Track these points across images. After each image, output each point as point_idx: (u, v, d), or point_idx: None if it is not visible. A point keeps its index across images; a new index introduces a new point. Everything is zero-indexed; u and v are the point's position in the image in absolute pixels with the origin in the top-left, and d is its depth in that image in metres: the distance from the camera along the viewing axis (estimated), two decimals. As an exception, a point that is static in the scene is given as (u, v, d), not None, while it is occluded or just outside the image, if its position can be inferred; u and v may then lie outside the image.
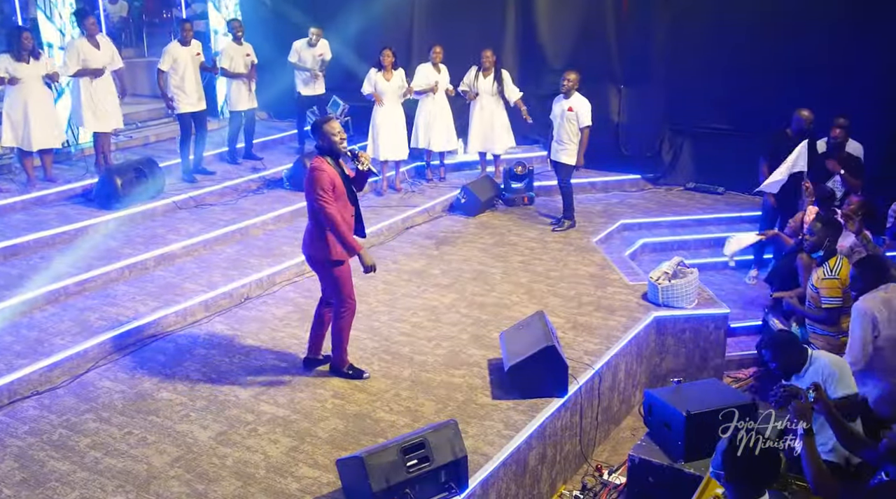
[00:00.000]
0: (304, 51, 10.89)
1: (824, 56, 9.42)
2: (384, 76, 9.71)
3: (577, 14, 11.01)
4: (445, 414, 5.41)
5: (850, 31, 9.28)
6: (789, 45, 9.57)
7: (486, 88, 9.88)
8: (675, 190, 10.63)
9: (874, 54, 9.20)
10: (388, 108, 9.80)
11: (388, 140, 9.82)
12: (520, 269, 8.01)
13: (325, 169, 5.46)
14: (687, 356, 7.10)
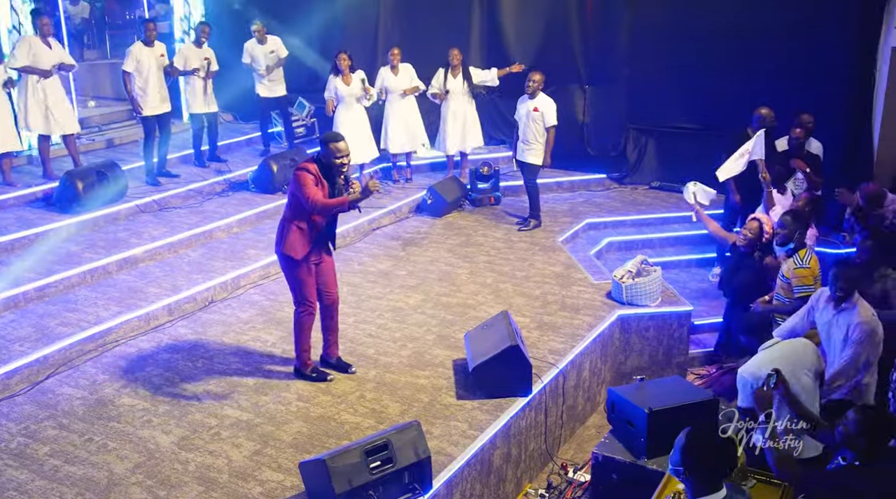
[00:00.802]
0: (256, 49, 10.75)
1: (784, 56, 9.56)
2: (343, 80, 9.68)
3: (542, 15, 11.05)
4: (410, 415, 5.42)
5: (809, 31, 9.39)
6: (751, 44, 9.67)
7: (457, 88, 9.89)
8: (640, 189, 10.72)
9: (833, 54, 9.34)
10: (349, 111, 9.76)
11: (351, 143, 9.74)
12: (486, 269, 8.03)
13: (312, 170, 5.51)
14: (651, 354, 7.17)
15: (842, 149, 9.32)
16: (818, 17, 9.39)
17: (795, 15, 9.50)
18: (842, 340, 5.33)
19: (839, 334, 5.35)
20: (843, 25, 9.34)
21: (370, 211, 9.38)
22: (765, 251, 6.59)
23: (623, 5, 10.51)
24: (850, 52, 9.36)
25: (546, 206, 9.71)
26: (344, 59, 9.63)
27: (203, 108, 10.43)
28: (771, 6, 9.61)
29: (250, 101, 11.45)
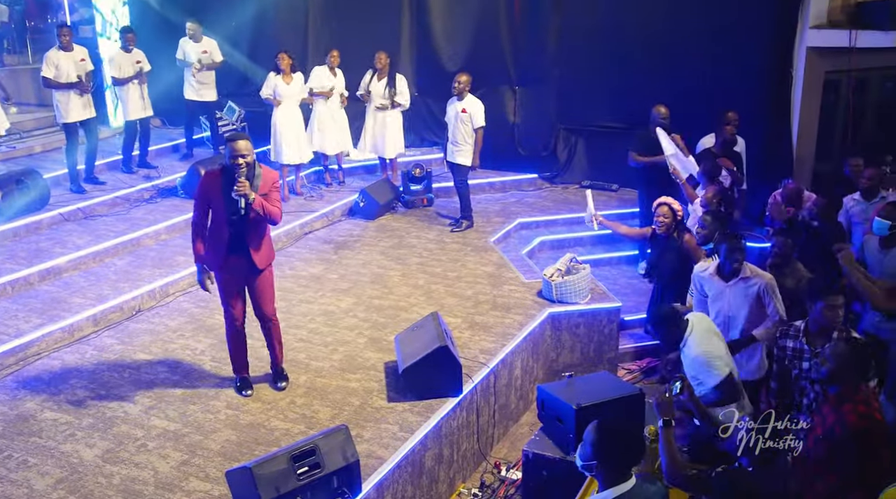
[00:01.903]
0: (189, 47, 10.58)
1: (707, 57, 9.78)
2: (284, 80, 9.60)
3: (472, 17, 11.10)
4: (341, 419, 5.40)
5: (729, 33, 9.62)
6: (675, 46, 9.89)
7: (378, 91, 9.86)
8: (571, 188, 10.86)
9: (752, 55, 9.60)
10: (288, 111, 9.68)
11: (289, 144, 9.70)
12: (418, 270, 8.05)
13: (205, 179, 5.47)
14: (582, 350, 7.27)
15: (763, 147, 9.59)
16: (738, 20, 9.64)
17: (717, 17, 9.73)
18: (746, 305, 5.67)
19: (738, 300, 5.70)
20: (762, 27, 9.61)
21: (302, 215, 9.34)
22: (681, 231, 6.70)
23: (551, 7, 10.63)
24: (769, 52, 9.64)
25: (478, 206, 9.78)
26: (284, 59, 9.54)
27: (140, 114, 10.25)
28: (693, 9, 9.83)
29: (179, 106, 11.24)
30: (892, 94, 10.55)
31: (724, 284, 5.77)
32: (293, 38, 11.56)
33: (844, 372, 4.19)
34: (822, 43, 9.55)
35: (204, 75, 10.63)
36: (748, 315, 5.71)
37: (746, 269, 5.74)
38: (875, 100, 10.35)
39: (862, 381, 4.26)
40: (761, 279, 5.71)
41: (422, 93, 11.33)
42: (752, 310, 5.72)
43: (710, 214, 6.74)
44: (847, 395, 4.17)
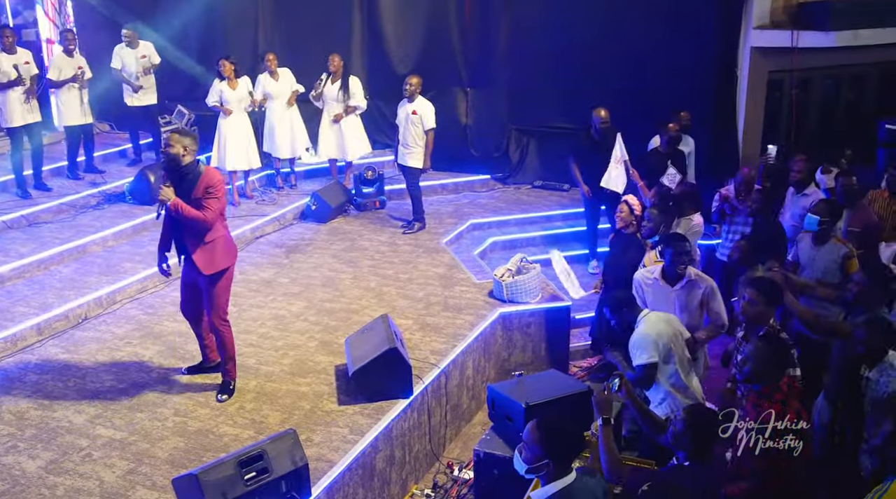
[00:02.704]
0: (126, 54, 10.39)
1: (656, 57, 9.92)
2: (229, 86, 9.51)
3: (422, 19, 11.13)
4: (291, 423, 5.37)
5: (677, 34, 9.78)
6: (624, 47, 10.01)
7: (332, 95, 9.82)
8: (523, 188, 10.93)
9: (699, 55, 9.76)
10: (234, 117, 9.58)
11: (235, 150, 9.60)
12: (370, 273, 8.03)
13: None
14: (534, 349, 7.32)
15: (709, 146, 9.76)
16: (684, 20, 9.80)
17: (664, 18, 9.89)
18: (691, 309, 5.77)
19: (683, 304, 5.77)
20: (707, 27, 9.79)
21: (254, 219, 9.27)
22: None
23: (501, 9, 10.70)
24: (714, 53, 9.83)
25: (431, 208, 9.80)
26: (226, 66, 9.44)
27: (79, 120, 10.05)
28: (641, 10, 9.96)
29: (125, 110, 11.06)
30: (833, 92, 10.81)
31: (670, 289, 5.82)
32: (243, 41, 11.50)
33: (763, 371, 4.28)
34: (766, 43, 9.76)
35: (144, 80, 10.44)
36: (691, 319, 5.78)
37: (691, 273, 5.81)
38: (818, 99, 10.60)
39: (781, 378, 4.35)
40: (706, 284, 5.78)
41: (373, 95, 11.25)
42: (696, 314, 5.80)
43: (655, 208, 6.83)
44: (766, 393, 4.26)
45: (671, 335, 5.26)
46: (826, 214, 6.24)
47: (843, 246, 6.29)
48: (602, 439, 4.13)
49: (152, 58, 10.51)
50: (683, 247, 5.76)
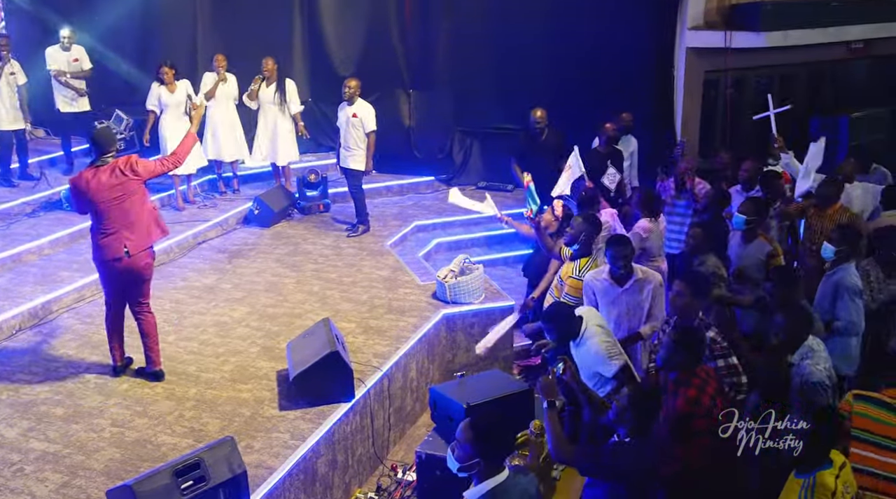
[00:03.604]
0: (59, 56, 10.14)
1: (595, 58, 10.06)
2: (168, 89, 9.37)
3: (363, 21, 11.11)
4: (231, 430, 5.32)
5: (615, 35, 9.92)
6: (564, 48, 10.12)
7: (268, 98, 9.74)
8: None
9: (638, 56, 9.93)
10: (173, 121, 9.45)
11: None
12: (313, 277, 8.00)
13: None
14: (478, 349, 7.35)
15: (651, 144, 9.91)
16: (622, 22, 9.94)
17: (602, 19, 10.02)
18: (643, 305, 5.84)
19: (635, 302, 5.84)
20: (644, 28, 9.96)
21: (196, 224, 9.16)
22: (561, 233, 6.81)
23: (441, 10, 10.74)
24: (651, 53, 10.00)
25: (375, 210, 9.80)
26: (167, 73, 9.30)
27: (10, 125, 9.81)
28: (580, 11, 10.08)
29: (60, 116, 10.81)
30: (767, 91, 11.03)
31: (620, 289, 5.84)
32: (181, 44, 11.33)
33: (677, 359, 4.43)
34: (701, 44, 9.96)
35: (78, 85, 10.21)
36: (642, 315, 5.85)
37: (637, 270, 5.86)
38: (751, 97, 10.83)
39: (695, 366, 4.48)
40: (654, 280, 5.86)
41: (315, 98, 11.27)
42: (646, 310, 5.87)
43: (581, 217, 6.56)
44: (682, 380, 4.40)
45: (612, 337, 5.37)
46: (752, 213, 6.42)
47: (768, 244, 6.49)
48: (548, 422, 4.21)
49: (83, 63, 10.28)
50: (622, 250, 5.80)
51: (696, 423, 4.33)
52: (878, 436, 4.47)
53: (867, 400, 4.63)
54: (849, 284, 5.81)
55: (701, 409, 4.37)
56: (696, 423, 4.33)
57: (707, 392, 4.42)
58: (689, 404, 4.37)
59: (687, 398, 4.38)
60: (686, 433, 4.31)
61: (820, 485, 3.86)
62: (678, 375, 4.48)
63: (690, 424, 4.30)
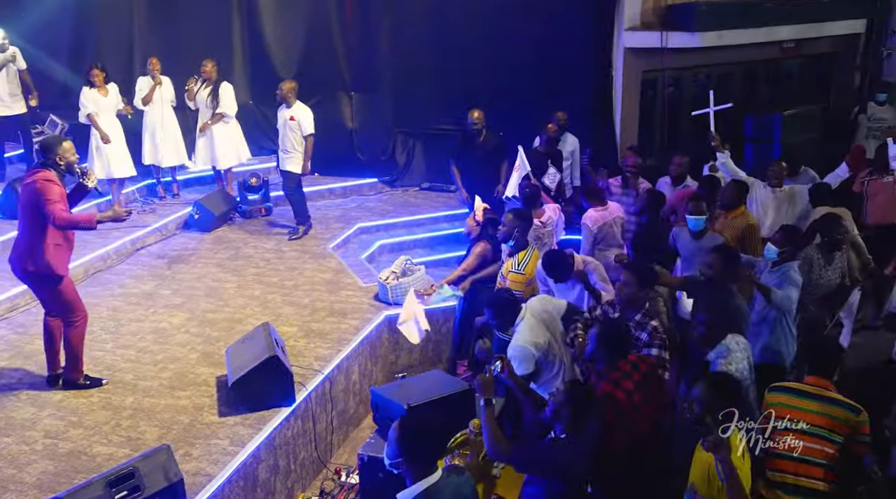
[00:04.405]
0: None
1: (536, 58, 10.14)
2: (99, 93, 9.19)
3: (303, 23, 11.04)
4: (169, 438, 5.24)
5: (555, 35, 10.01)
6: (505, 48, 10.17)
7: (203, 101, 9.63)
8: (411, 191, 10.99)
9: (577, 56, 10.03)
10: (106, 124, 9.26)
11: (111, 158, 9.29)
12: (255, 281, 7.93)
13: (56, 180, 5.50)
14: (421, 350, 7.36)
15: (591, 142, 10.04)
16: (561, 22, 10.02)
17: (542, 20, 10.09)
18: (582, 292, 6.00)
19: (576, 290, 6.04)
20: (582, 29, 10.04)
21: (133, 230, 8.98)
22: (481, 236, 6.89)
23: (381, 11, 10.72)
24: (590, 53, 10.09)
25: (318, 213, 9.76)
26: (97, 75, 9.11)
27: None
28: (519, 12, 10.13)
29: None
30: (703, 90, 11.25)
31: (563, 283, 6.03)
32: (117, 46, 11.11)
33: (600, 353, 4.54)
34: (638, 44, 10.11)
35: (13, 87, 9.95)
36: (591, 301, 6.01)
37: (578, 260, 6.02)
38: (688, 96, 11.05)
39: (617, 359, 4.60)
40: (590, 266, 6.03)
41: (256, 100, 11.17)
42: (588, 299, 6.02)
43: (511, 212, 6.75)
44: (603, 373, 4.51)
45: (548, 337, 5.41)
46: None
47: (718, 236, 6.66)
48: (484, 419, 4.24)
49: (19, 63, 10.01)
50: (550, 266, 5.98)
51: (607, 416, 4.40)
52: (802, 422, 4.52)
53: (781, 390, 4.68)
54: (792, 277, 6.00)
55: (613, 404, 4.46)
56: (608, 416, 4.40)
57: (623, 387, 4.52)
58: (603, 398, 4.47)
59: (602, 392, 4.48)
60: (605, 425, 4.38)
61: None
62: (601, 367, 4.60)
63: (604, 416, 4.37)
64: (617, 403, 4.52)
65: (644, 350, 5.14)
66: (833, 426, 4.43)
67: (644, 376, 4.66)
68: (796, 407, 4.52)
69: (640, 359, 4.89)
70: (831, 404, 4.49)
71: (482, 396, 4.25)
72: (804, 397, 4.57)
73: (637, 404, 4.59)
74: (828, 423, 4.43)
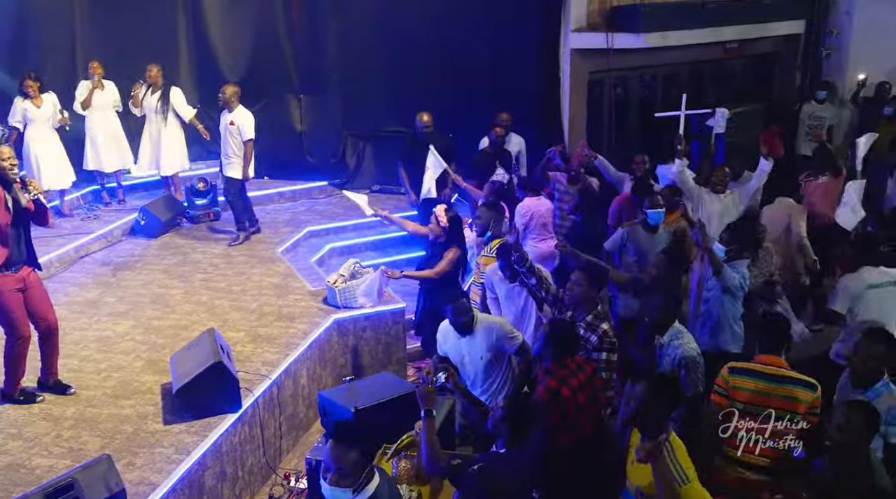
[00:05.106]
0: None
1: (485, 59, 10.17)
2: (33, 103, 8.98)
3: (250, 25, 10.92)
4: (112, 448, 5.16)
5: (503, 36, 10.06)
6: (453, 50, 10.20)
7: (151, 106, 9.50)
8: (362, 193, 10.90)
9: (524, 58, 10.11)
10: (42, 135, 9.04)
11: (48, 168, 9.10)
12: (202, 287, 7.83)
13: None
14: (371, 353, 7.34)
15: (538, 143, 10.09)
16: (508, 24, 10.08)
17: (490, 22, 10.15)
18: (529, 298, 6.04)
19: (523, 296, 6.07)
20: (530, 30, 10.13)
21: (77, 238, 8.83)
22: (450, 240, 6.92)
23: (328, 13, 10.67)
24: (538, 55, 10.18)
25: (267, 217, 9.70)
26: (31, 86, 8.91)
27: None
28: (467, 13, 10.17)
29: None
30: (649, 90, 11.45)
31: (510, 285, 6.06)
32: (58, 50, 10.84)
33: (547, 351, 4.58)
34: (584, 45, 10.21)
35: None
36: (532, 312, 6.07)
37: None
38: (635, 97, 11.20)
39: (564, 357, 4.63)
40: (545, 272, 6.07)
41: (204, 104, 10.94)
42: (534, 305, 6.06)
43: (485, 206, 7.07)
44: (550, 370, 4.55)
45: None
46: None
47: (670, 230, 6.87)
48: (424, 431, 4.23)
49: None
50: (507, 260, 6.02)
51: (553, 415, 4.44)
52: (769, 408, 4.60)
53: (741, 372, 4.76)
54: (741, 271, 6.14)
55: (559, 401, 4.50)
56: (553, 416, 4.45)
57: (569, 384, 4.56)
58: (549, 394, 4.51)
59: (547, 388, 4.52)
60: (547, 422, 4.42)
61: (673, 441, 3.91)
62: (548, 365, 4.62)
63: (549, 415, 4.41)
64: (562, 401, 4.56)
65: (594, 354, 5.21)
66: (797, 408, 4.53)
67: (589, 377, 4.72)
68: (763, 392, 4.61)
69: (587, 360, 4.95)
70: (794, 384, 4.60)
71: (423, 407, 4.22)
72: (768, 379, 4.65)
73: (582, 405, 4.64)
74: (793, 405, 4.54)
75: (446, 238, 6.74)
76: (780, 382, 4.60)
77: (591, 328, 5.29)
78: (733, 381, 4.72)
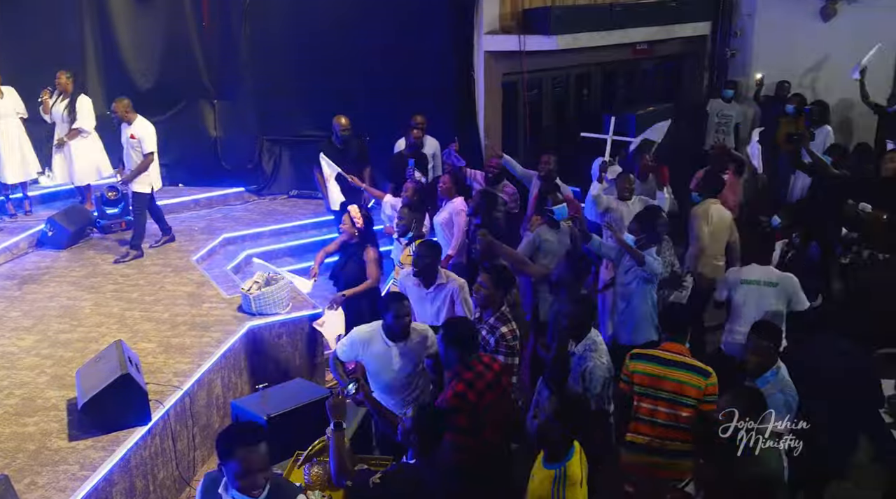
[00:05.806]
0: None
1: (400, 63, 10.17)
2: None
3: (159, 29, 10.69)
4: (13, 468, 5.00)
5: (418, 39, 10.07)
6: (367, 51, 10.16)
7: (59, 114, 9.23)
8: (279, 199, 10.87)
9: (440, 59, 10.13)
10: None
11: None
12: (113, 298, 7.65)
13: None
14: (288, 360, 7.28)
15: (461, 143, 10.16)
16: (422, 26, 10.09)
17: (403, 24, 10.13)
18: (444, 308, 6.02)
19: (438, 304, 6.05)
20: (443, 33, 10.14)
21: (-21, 251, 8.54)
22: (364, 242, 6.93)
23: (239, 17, 10.52)
24: (452, 57, 10.22)
25: (182, 225, 9.53)
26: None
27: None
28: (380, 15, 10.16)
29: None
30: (563, 92, 11.65)
31: (425, 291, 6.06)
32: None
33: (449, 354, 4.63)
34: (497, 47, 10.30)
35: None
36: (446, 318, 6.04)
37: (442, 274, 6.05)
38: (550, 98, 11.38)
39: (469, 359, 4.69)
40: (454, 283, 6.05)
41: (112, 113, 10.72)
42: (449, 312, 6.05)
43: (406, 207, 7.17)
44: (457, 373, 4.60)
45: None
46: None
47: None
48: (333, 443, 4.19)
49: None
50: (426, 251, 6.03)
51: (460, 419, 4.48)
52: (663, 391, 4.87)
53: (641, 358, 5.04)
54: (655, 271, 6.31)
55: (467, 405, 4.54)
56: (460, 419, 4.48)
57: (476, 388, 4.60)
58: (456, 398, 4.53)
59: (455, 391, 4.55)
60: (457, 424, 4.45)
61: (570, 477, 3.95)
62: (454, 368, 4.64)
63: (456, 419, 4.44)
64: (470, 404, 4.59)
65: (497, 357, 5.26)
66: (688, 392, 4.82)
67: (496, 376, 4.77)
68: (656, 375, 4.89)
69: (493, 359, 5.00)
70: (687, 370, 4.87)
71: (332, 419, 4.17)
72: (663, 364, 4.92)
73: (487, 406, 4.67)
74: (684, 389, 4.82)
75: (360, 238, 6.75)
76: (673, 366, 4.89)
77: (491, 331, 5.34)
78: (632, 366, 5.03)
